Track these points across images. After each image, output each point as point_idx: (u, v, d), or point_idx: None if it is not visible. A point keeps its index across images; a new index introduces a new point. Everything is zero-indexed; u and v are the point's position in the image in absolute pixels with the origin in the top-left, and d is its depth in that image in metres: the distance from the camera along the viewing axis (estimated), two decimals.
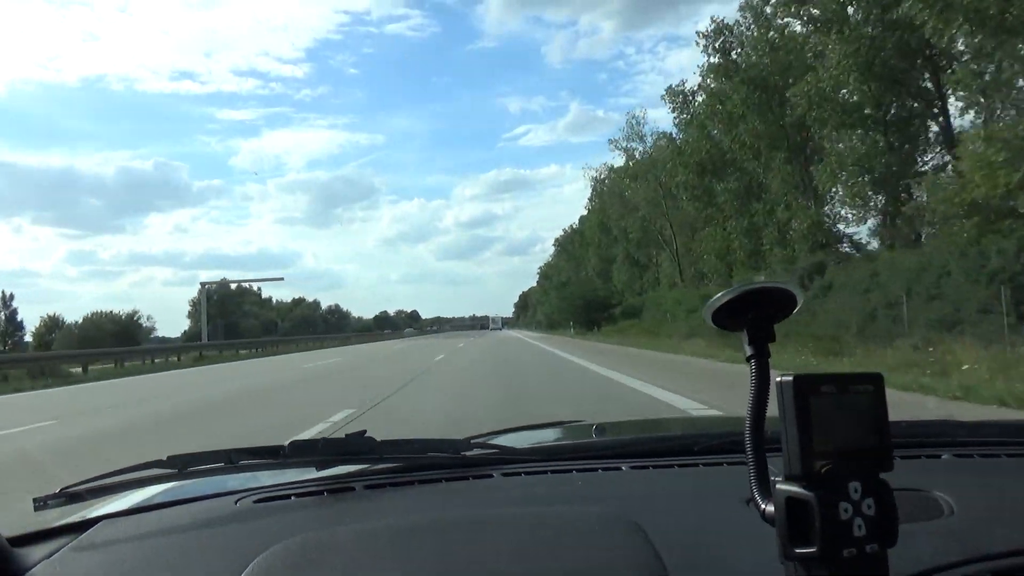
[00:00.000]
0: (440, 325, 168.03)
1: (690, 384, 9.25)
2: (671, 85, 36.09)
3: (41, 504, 0.95)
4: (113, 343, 39.52)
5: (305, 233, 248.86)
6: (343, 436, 1.10)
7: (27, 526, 0.94)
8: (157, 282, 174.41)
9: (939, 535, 0.82)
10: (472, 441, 1.22)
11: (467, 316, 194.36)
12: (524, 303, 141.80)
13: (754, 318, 0.65)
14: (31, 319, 65.13)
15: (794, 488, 0.57)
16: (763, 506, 0.61)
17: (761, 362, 0.64)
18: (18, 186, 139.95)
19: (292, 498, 1.04)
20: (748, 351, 0.65)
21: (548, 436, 1.61)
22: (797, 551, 0.56)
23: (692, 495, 1.02)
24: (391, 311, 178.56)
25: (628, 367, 12.93)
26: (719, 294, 0.65)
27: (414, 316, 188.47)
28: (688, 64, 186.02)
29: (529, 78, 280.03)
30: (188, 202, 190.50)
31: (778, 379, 0.58)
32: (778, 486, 0.58)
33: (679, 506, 0.96)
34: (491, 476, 1.12)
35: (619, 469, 1.15)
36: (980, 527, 0.84)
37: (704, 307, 0.67)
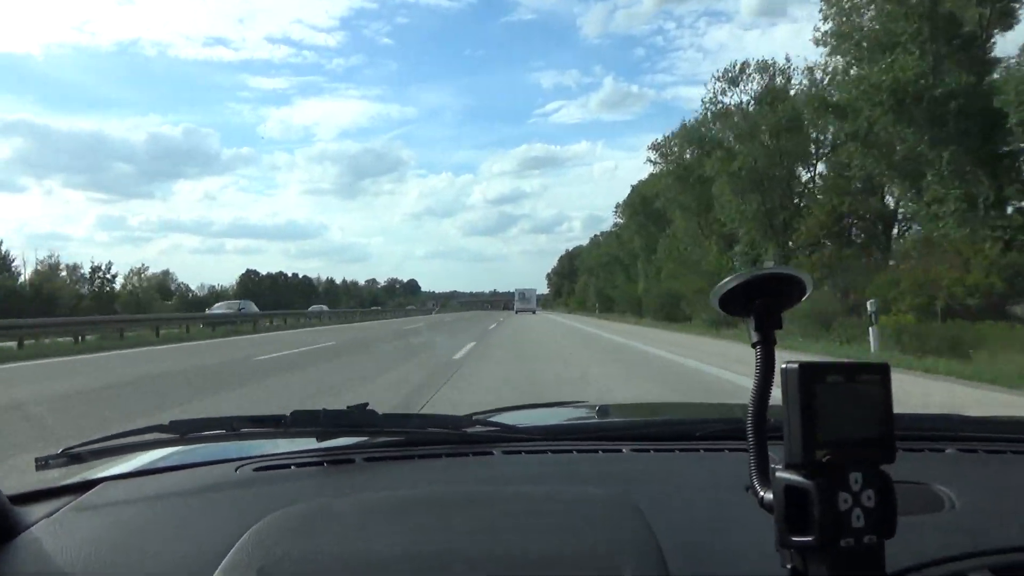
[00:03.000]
0: (438, 300, 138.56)
1: None
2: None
3: (43, 464, 0.95)
4: None
5: (332, 204, 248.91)
6: (344, 408, 1.10)
7: (29, 485, 0.96)
8: (185, 249, 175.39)
9: (940, 528, 0.81)
10: (474, 418, 1.22)
11: (487, 291, 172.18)
12: (569, 270, 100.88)
13: (761, 304, 0.65)
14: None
15: (794, 476, 0.56)
16: (762, 493, 0.61)
17: (767, 349, 0.64)
18: (50, 149, 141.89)
19: (292, 467, 1.04)
20: (754, 337, 0.65)
21: (550, 416, 1.61)
22: (794, 539, 0.56)
23: (692, 480, 1.02)
24: (380, 279, 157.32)
25: None
26: (727, 279, 0.65)
27: (411, 287, 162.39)
28: (727, 41, 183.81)
29: (564, 52, 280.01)
30: (217, 170, 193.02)
31: (783, 366, 0.58)
32: (778, 474, 0.58)
33: (679, 490, 0.96)
34: (491, 453, 1.12)
35: (620, 451, 1.14)
36: (982, 522, 0.83)
37: (712, 292, 0.66)
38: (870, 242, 24.66)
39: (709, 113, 31.18)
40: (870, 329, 12.30)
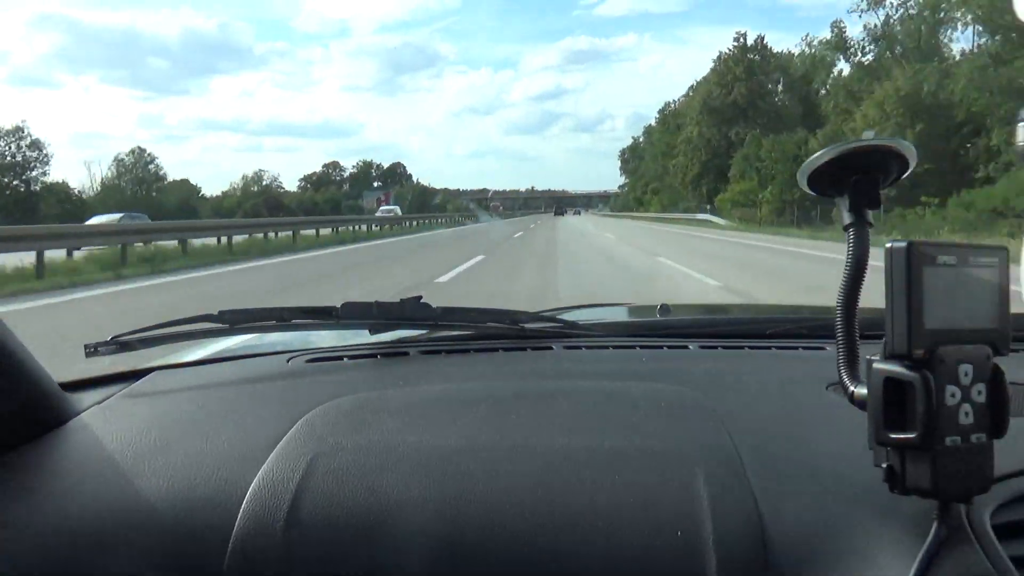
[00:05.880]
0: (386, 198, 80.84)
1: None
2: None
3: (92, 351, 0.94)
4: None
5: (370, 102, 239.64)
6: (398, 301, 1.06)
7: (80, 373, 0.95)
8: (226, 148, 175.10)
9: None
10: (532, 314, 1.17)
11: (523, 189, 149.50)
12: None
13: (858, 181, 0.58)
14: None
15: (895, 368, 0.51)
16: (852, 388, 0.56)
17: (861, 231, 0.57)
18: (84, 44, 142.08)
19: (345, 360, 1.02)
20: (847, 219, 0.58)
21: (612, 314, 1.56)
22: (893, 436, 0.51)
23: (765, 378, 0.96)
24: (366, 160, 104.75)
25: None
26: (818, 153, 0.58)
27: (395, 174, 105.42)
28: None
29: None
30: (252, 65, 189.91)
31: (888, 245, 0.51)
32: (875, 365, 0.52)
33: (750, 388, 0.90)
34: (551, 348, 1.08)
35: (686, 348, 1.10)
36: None
37: (800, 168, 0.59)
38: None
39: None
40: None
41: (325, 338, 1.15)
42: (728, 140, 50.83)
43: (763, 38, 52.17)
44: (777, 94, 51.69)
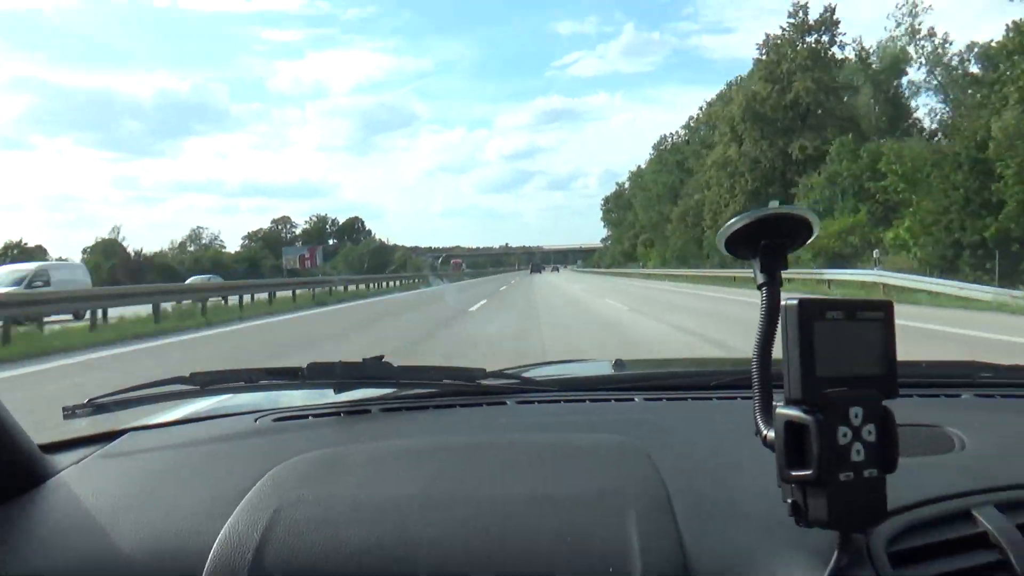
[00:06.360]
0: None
1: None
2: None
3: (69, 413, 0.99)
4: None
5: (345, 162, 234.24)
6: (360, 360, 1.11)
7: (60, 435, 0.99)
8: (200, 210, 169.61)
9: (946, 468, 0.81)
10: (489, 372, 1.23)
11: (496, 247, 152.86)
12: None
13: (768, 245, 0.64)
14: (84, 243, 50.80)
15: (794, 412, 0.57)
16: (764, 432, 0.62)
17: (772, 290, 0.64)
18: (59, 106, 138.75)
19: (310, 418, 1.07)
20: (760, 279, 0.65)
21: (567, 370, 1.62)
22: (794, 474, 0.57)
23: (703, 427, 1.03)
24: (300, 213, 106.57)
25: None
26: (733, 219, 0.64)
27: (353, 230, 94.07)
28: None
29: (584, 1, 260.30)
30: (227, 127, 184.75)
31: (783, 303, 0.58)
32: (778, 410, 0.59)
33: (689, 437, 0.97)
34: (505, 404, 1.15)
35: (632, 400, 1.17)
36: (989, 461, 0.83)
37: (718, 233, 0.66)
38: None
39: None
40: None
41: (292, 398, 1.20)
42: (786, 157, 35.93)
43: (833, 10, 35.52)
44: (854, 90, 35.88)
